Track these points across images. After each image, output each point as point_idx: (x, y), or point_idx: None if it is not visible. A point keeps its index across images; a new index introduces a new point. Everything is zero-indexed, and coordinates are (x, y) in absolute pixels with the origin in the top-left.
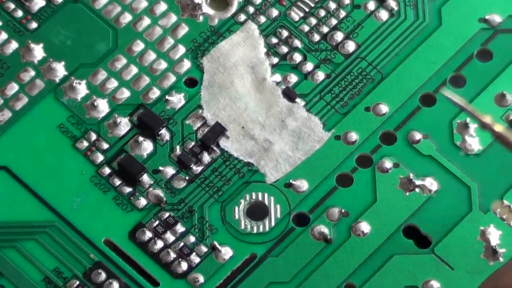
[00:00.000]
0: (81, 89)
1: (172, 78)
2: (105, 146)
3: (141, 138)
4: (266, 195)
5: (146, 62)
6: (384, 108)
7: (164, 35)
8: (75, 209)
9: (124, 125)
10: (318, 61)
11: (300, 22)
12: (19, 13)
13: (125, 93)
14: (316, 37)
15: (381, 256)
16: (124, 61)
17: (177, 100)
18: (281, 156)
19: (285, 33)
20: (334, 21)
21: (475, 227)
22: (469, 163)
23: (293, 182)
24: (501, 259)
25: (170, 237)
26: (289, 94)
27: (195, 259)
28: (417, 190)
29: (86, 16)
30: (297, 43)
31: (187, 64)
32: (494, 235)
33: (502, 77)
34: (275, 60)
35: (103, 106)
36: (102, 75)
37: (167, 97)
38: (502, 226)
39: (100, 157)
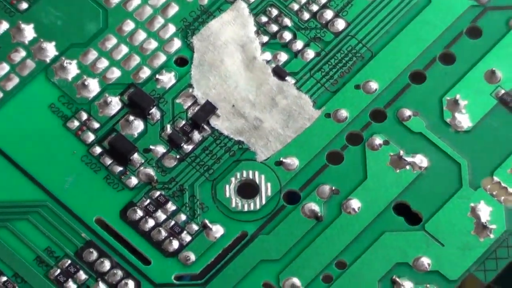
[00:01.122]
0: (72, 69)
1: (162, 58)
2: (96, 125)
3: (131, 117)
4: (256, 173)
5: (137, 41)
6: (374, 86)
7: (154, 15)
8: (67, 189)
9: (114, 104)
10: (308, 39)
11: (289, 1)
12: None
13: (116, 73)
14: (306, 16)
15: (372, 233)
16: (114, 40)
17: (168, 79)
18: (271, 134)
19: (274, 12)
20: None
21: (465, 204)
22: (459, 140)
23: (283, 160)
24: (491, 235)
25: (161, 215)
26: (279, 73)
27: (186, 237)
28: (407, 167)
29: None
30: (287, 21)
31: (177, 43)
32: (485, 212)
33: (492, 54)
34: (265, 38)
35: (93, 86)
36: (93, 55)
37: (157, 76)
38: (492, 203)
39: (91, 137)
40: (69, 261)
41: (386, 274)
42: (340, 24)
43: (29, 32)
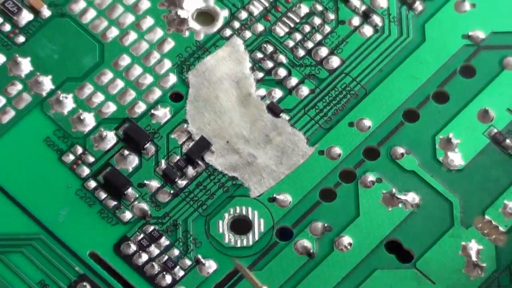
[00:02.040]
0: (68, 103)
1: (157, 93)
2: (91, 159)
3: (126, 152)
4: (250, 209)
5: (132, 76)
6: (367, 123)
7: (150, 50)
8: (61, 222)
9: (110, 139)
10: (303, 76)
11: (285, 38)
12: (7, 27)
13: (111, 107)
14: (301, 53)
15: (364, 271)
16: (110, 75)
17: (163, 114)
18: (265, 171)
19: (270, 48)
20: (319, 37)
21: (457, 242)
22: (452, 178)
23: (276, 197)
24: (482, 274)
25: (154, 250)
26: (274, 109)
27: (179, 272)
28: (399, 205)
29: (73, 30)
30: (282, 58)
31: (172, 79)
32: (475, 250)
33: (485, 93)
34: (260, 75)
35: (89, 120)
36: (89, 89)
37: (152, 111)
38: (483, 241)
39: (86, 171)
40: None
41: None
42: (335, 62)
43: (25, 65)
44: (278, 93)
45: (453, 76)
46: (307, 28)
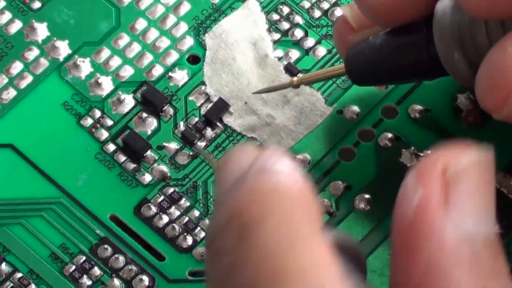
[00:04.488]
0: (85, 67)
1: (175, 55)
2: (110, 123)
3: (145, 115)
4: None
5: (149, 39)
6: None
7: (167, 13)
8: (81, 186)
9: (128, 102)
10: (319, 36)
11: None
12: None
13: (129, 71)
14: (317, 13)
15: (385, 229)
16: (127, 39)
17: (180, 77)
18: (283, 131)
19: (286, 10)
20: None
21: None
22: (471, 135)
23: (296, 156)
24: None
25: (175, 212)
26: (291, 70)
27: (200, 233)
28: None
29: None
30: (298, 19)
31: (189, 41)
32: None
33: None
34: (277, 36)
35: (107, 84)
36: (106, 53)
37: (170, 74)
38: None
39: (104, 134)
40: (84, 258)
41: None
42: None
43: (42, 30)
44: (295, 54)
45: None
46: None
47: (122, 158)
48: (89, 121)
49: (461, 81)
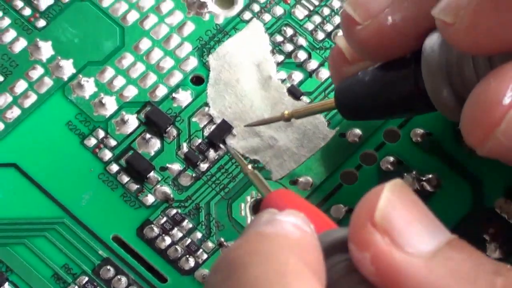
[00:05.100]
0: (89, 87)
1: (178, 76)
2: (113, 143)
3: (148, 136)
4: None
5: (153, 60)
6: None
7: (171, 33)
8: (84, 206)
9: (131, 122)
10: (323, 59)
11: (304, 21)
12: (28, 11)
13: (133, 91)
14: (321, 35)
15: None
16: (131, 59)
17: (184, 97)
18: (286, 153)
19: (290, 31)
20: (338, 20)
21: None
22: (473, 159)
23: (298, 179)
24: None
25: (177, 233)
26: (294, 92)
27: (203, 255)
28: (419, 187)
29: (93, 14)
30: (302, 41)
31: (193, 62)
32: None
33: None
34: (280, 58)
35: (110, 104)
36: (110, 73)
37: (173, 94)
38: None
39: (108, 154)
40: (87, 278)
41: None
42: None
43: (46, 49)
44: (298, 76)
45: None
46: (326, 11)
47: (125, 178)
48: (92, 141)
49: (449, 117)
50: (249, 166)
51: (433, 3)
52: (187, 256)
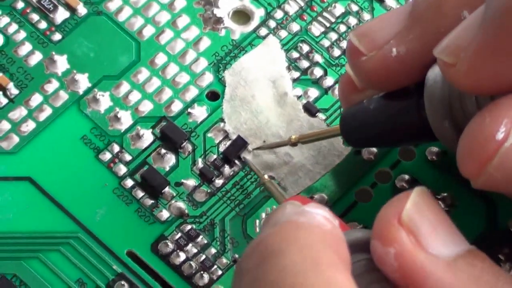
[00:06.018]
0: (104, 101)
1: (194, 91)
2: (128, 158)
3: (163, 151)
4: None
5: (169, 75)
6: None
7: (187, 48)
8: (98, 221)
9: (147, 137)
10: (339, 76)
11: (321, 37)
12: (43, 25)
13: (148, 106)
14: (337, 52)
15: None
16: (147, 73)
17: (199, 113)
18: (301, 170)
19: (306, 48)
20: None
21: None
22: None
23: (313, 196)
24: None
25: (192, 249)
26: (310, 109)
27: (217, 271)
28: None
29: (109, 28)
30: (318, 57)
31: (209, 77)
32: None
33: None
34: (296, 74)
35: (126, 118)
36: (125, 87)
37: (189, 110)
38: None
39: (123, 169)
40: None
41: None
42: None
43: (62, 63)
44: (314, 93)
45: None
46: (342, 28)
47: (140, 193)
48: (107, 156)
49: (450, 148)
50: (266, 176)
51: (437, 37)
52: (202, 272)
